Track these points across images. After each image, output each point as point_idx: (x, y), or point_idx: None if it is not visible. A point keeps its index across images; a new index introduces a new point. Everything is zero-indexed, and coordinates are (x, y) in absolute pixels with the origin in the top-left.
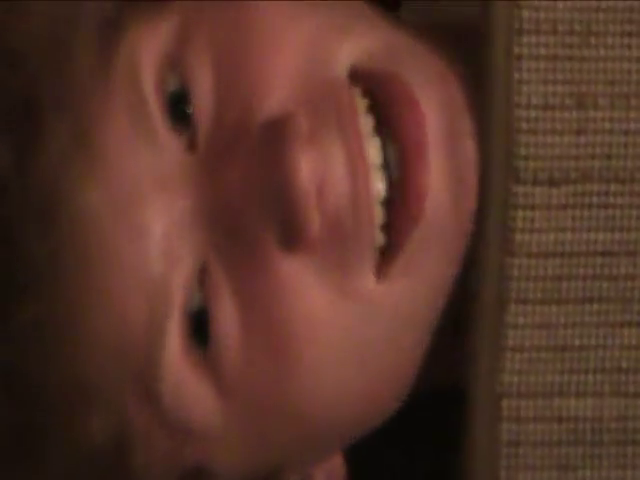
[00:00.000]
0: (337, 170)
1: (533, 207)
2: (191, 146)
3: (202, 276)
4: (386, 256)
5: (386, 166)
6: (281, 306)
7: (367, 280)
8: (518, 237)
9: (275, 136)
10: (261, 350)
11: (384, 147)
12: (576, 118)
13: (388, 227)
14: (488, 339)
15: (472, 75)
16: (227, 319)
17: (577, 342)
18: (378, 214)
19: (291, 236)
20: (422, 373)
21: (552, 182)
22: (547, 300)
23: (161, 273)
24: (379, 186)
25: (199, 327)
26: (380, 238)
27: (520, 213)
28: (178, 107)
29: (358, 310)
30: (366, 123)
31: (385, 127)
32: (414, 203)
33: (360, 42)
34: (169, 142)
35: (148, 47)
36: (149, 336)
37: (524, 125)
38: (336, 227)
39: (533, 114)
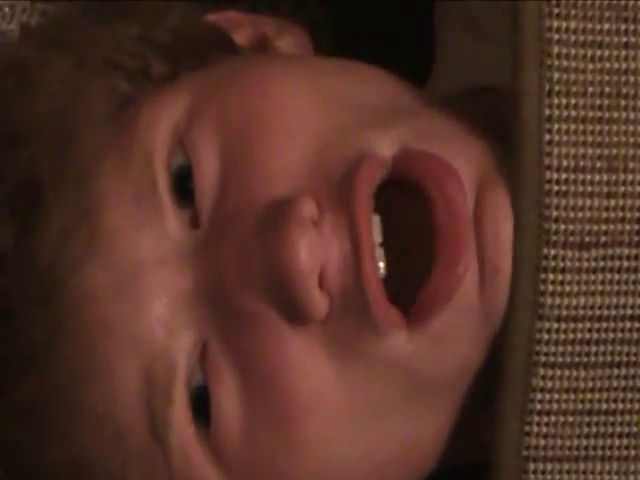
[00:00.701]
0: (342, 252)
1: (564, 270)
2: (194, 224)
3: (202, 355)
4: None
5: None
6: (285, 382)
7: (383, 345)
8: (549, 300)
9: (275, 217)
10: (264, 429)
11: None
12: (606, 181)
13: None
14: (516, 402)
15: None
16: (228, 399)
17: (604, 406)
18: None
19: (295, 315)
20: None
21: (582, 245)
22: (575, 364)
23: (162, 346)
24: (380, 266)
25: (201, 405)
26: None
27: (551, 276)
28: (182, 183)
29: (368, 377)
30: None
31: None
32: (443, 295)
33: (390, 132)
34: (173, 219)
35: (159, 127)
36: (154, 411)
37: (555, 187)
38: (344, 305)
39: (564, 176)
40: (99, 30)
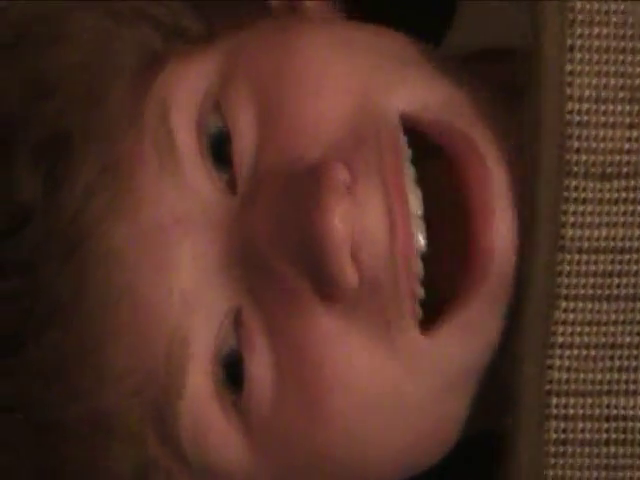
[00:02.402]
0: (376, 222)
1: (585, 201)
2: (231, 189)
3: (236, 320)
4: (441, 310)
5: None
6: (316, 356)
7: (411, 333)
8: (569, 232)
9: (309, 181)
10: (293, 399)
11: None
12: (629, 111)
13: (435, 280)
14: (537, 336)
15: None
16: (261, 367)
17: (627, 340)
18: (419, 267)
19: (326, 289)
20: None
21: (604, 176)
22: (597, 296)
23: (184, 313)
24: (420, 238)
25: (231, 372)
26: (421, 292)
27: (572, 207)
28: (219, 148)
29: (398, 364)
30: (409, 173)
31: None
32: (479, 267)
33: (416, 91)
34: (203, 183)
35: (185, 85)
36: (169, 376)
37: (576, 118)
38: (375, 282)
39: (585, 107)
40: None
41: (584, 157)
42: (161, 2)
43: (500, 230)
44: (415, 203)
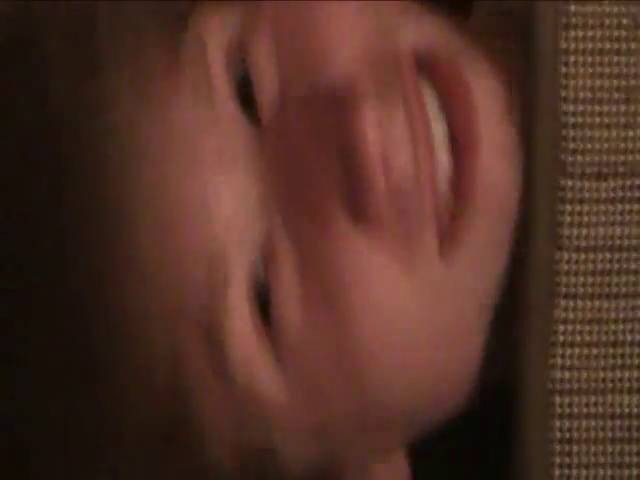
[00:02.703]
0: (401, 136)
1: (582, 201)
2: (256, 122)
3: (266, 246)
4: (448, 237)
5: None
6: (344, 277)
7: (432, 257)
8: (567, 231)
9: (342, 97)
10: (322, 321)
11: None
12: (624, 112)
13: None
14: (538, 335)
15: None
16: (289, 293)
17: (628, 337)
18: (442, 185)
19: (358, 202)
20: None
21: (600, 176)
22: (597, 295)
23: (224, 234)
24: (444, 160)
25: (262, 300)
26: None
27: (568, 207)
28: (244, 91)
29: (423, 287)
30: (431, 102)
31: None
32: (468, 185)
33: (423, 26)
34: (233, 119)
35: (215, 32)
36: (213, 303)
37: (571, 119)
38: (400, 196)
39: (580, 108)
40: None
41: (580, 158)
42: None
43: (489, 158)
44: (440, 127)
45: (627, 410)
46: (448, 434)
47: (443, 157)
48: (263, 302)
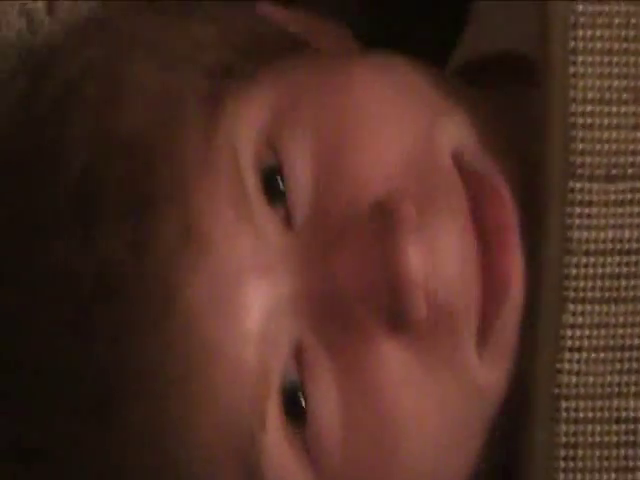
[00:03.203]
0: (449, 262)
1: (590, 203)
2: (287, 223)
3: (299, 354)
4: (483, 339)
5: None
6: (384, 391)
7: (472, 360)
8: (576, 234)
9: (384, 225)
10: (361, 433)
11: None
12: (633, 112)
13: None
14: (547, 339)
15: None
16: (325, 397)
17: (636, 342)
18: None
19: (399, 322)
20: None
21: (609, 178)
22: (606, 299)
23: (260, 359)
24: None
25: (296, 406)
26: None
27: (577, 210)
28: (273, 181)
29: (462, 396)
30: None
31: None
32: (504, 288)
33: (460, 127)
34: (266, 220)
35: (245, 124)
36: (251, 421)
37: (580, 120)
38: (445, 315)
39: (589, 109)
40: (177, 28)
41: (589, 159)
42: (210, 47)
43: (518, 261)
44: None
45: (633, 415)
46: None
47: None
48: (297, 407)
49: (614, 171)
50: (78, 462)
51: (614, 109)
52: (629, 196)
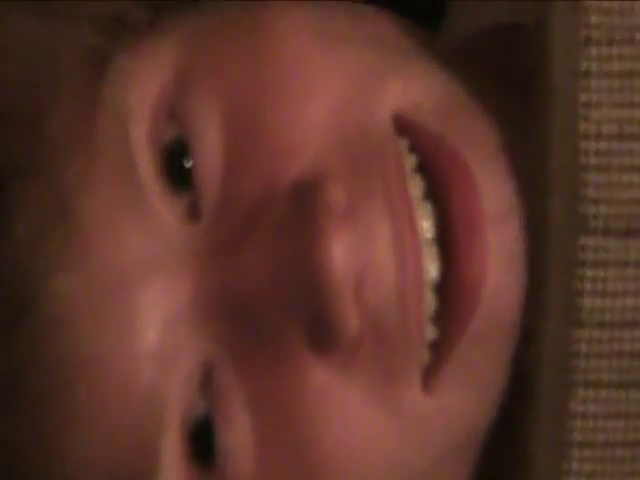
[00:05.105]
0: (382, 253)
1: (606, 264)
2: (193, 214)
3: (206, 380)
4: (436, 359)
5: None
6: (306, 425)
7: (414, 392)
8: (587, 302)
9: (303, 209)
10: (280, 475)
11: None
12: None
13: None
14: (549, 433)
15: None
16: (237, 432)
17: None
18: (429, 304)
19: (323, 339)
20: None
21: (629, 232)
22: (623, 383)
23: (154, 380)
24: (431, 268)
25: (204, 442)
26: (430, 333)
27: (589, 272)
28: (175, 162)
29: (399, 429)
30: (415, 186)
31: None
32: (468, 292)
33: (408, 87)
34: (164, 209)
35: (138, 84)
36: (143, 457)
37: (593, 160)
38: (379, 325)
39: (605, 146)
40: None
41: (603, 209)
42: None
43: (491, 262)
44: (425, 224)
45: None
46: None
47: (431, 267)
48: (205, 442)
49: (635, 224)
50: None
51: (636, 146)
52: None
